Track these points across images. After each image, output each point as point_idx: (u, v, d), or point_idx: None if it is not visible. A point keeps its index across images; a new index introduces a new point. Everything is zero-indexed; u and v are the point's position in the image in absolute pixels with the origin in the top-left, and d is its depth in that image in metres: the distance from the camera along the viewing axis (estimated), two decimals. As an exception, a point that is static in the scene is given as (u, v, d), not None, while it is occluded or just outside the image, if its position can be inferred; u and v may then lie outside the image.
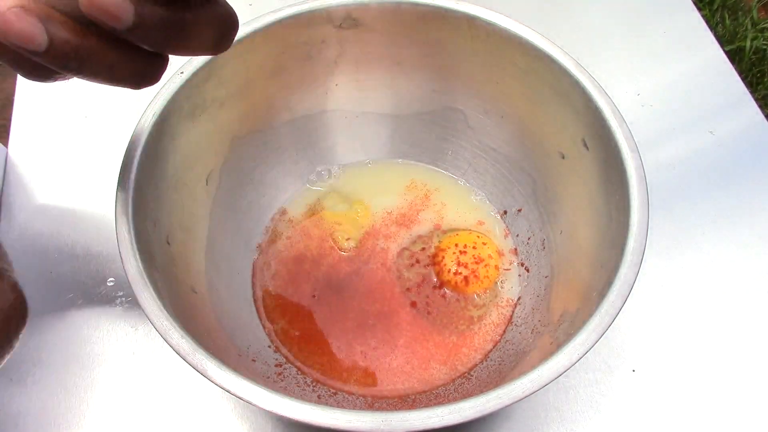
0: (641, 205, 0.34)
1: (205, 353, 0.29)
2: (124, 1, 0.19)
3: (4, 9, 0.19)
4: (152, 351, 0.43)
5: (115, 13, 0.19)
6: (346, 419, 0.28)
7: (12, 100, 0.54)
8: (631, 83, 0.56)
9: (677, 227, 0.49)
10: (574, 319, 0.34)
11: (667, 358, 0.43)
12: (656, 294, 0.46)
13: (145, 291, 0.31)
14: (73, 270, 0.46)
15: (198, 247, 0.41)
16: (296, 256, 0.46)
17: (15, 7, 0.19)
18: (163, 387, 0.41)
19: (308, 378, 0.41)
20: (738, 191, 0.50)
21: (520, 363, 0.38)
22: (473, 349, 0.42)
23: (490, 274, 0.44)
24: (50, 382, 0.41)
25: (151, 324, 0.30)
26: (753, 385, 0.42)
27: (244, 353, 0.39)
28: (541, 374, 0.29)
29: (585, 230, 0.40)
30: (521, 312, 0.43)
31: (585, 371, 0.42)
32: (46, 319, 0.44)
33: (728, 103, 0.55)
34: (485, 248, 0.45)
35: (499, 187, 0.47)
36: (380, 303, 0.44)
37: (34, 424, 0.40)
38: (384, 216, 0.48)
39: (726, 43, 1.24)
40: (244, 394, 0.28)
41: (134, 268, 0.32)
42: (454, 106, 0.46)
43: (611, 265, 0.33)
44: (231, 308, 0.42)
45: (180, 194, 0.39)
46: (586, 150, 0.39)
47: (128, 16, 0.19)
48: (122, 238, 0.32)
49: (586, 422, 0.41)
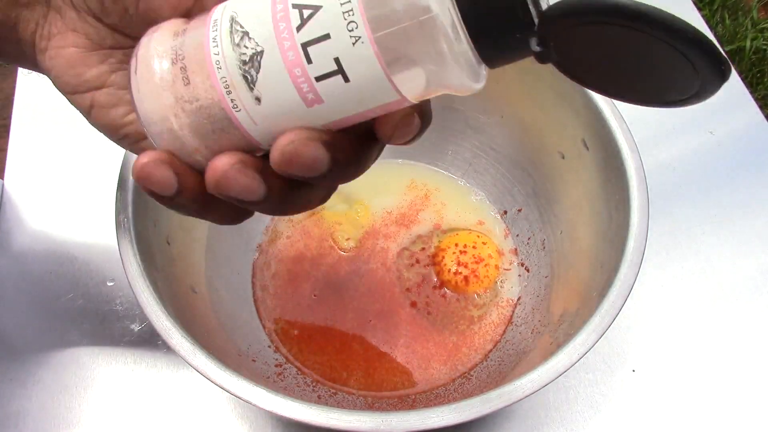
0: (641, 205, 0.34)
1: (205, 353, 0.29)
2: (253, 181, 0.21)
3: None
4: (152, 351, 0.43)
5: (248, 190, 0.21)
6: (345, 419, 0.28)
7: (12, 100, 0.54)
8: (631, 83, 0.56)
9: (677, 227, 0.49)
10: (574, 319, 0.34)
11: (667, 358, 0.43)
12: (656, 294, 0.46)
13: (145, 291, 0.31)
14: (73, 270, 0.46)
15: (198, 247, 0.41)
16: (296, 256, 0.46)
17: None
18: (163, 387, 0.41)
19: (308, 378, 0.41)
20: (738, 191, 0.50)
21: (520, 363, 0.38)
22: (473, 349, 0.42)
23: (490, 273, 0.44)
24: (50, 382, 0.41)
25: (151, 324, 0.30)
26: (753, 385, 0.42)
27: (244, 353, 0.39)
28: (541, 374, 0.29)
29: (585, 230, 0.40)
30: (521, 312, 0.43)
31: (585, 371, 0.42)
32: (46, 320, 0.44)
33: (728, 103, 0.55)
34: (485, 248, 0.45)
35: (499, 187, 0.47)
36: (380, 303, 0.44)
37: (34, 423, 0.40)
38: (384, 216, 0.48)
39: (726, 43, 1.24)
40: (244, 394, 0.29)
41: (134, 268, 0.32)
42: (454, 106, 0.46)
43: (611, 265, 0.33)
44: (231, 308, 0.42)
45: (180, 194, 0.39)
46: (586, 150, 0.39)
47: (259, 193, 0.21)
48: (122, 239, 0.32)
49: (586, 422, 0.41)
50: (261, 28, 0.19)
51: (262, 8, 0.19)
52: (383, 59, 0.18)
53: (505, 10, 0.17)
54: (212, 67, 0.20)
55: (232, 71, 0.20)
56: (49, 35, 0.25)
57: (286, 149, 0.20)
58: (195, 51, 0.20)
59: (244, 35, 0.19)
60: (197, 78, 0.20)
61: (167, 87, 0.20)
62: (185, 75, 0.20)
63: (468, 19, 0.18)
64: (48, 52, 0.25)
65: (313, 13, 0.18)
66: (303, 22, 0.18)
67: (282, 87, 0.19)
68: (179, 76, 0.20)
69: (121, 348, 0.43)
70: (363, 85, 0.19)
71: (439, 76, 0.19)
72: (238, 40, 0.19)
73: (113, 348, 0.43)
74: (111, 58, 0.25)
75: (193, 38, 0.20)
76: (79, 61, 0.25)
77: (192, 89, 0.20)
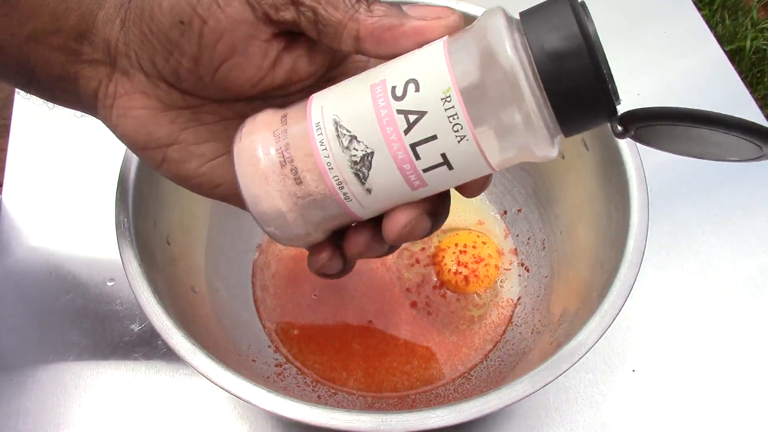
0: (641, 205, 0.34)
1: (205, 353, 0.29)
2: (330, 260, 0.26)
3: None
4: (152, 351, 0.43)
5: (328, 270, 0.27)
6: (345, 419, 0.28)
7: (12, 100, 0.54)
8: (631, 83, 0.56)
9: (677, 227, 0.49)
10: (574, 319, 0.34)
11: (667, 358, 0.43)
12: (656, 294, 0.46)
13: (145, 291, 0.31)
14: (73, 271, 0.46)
15: (198, 247, 0.41)
16: (296, 256, 0.46)
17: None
18: (163, 387, 0.41)
19: (308, 378, 0.41)
20: (738, 191, 0.50)
21: (520, 363, 0.38)
22: (473, 349, 0.42)
23: (490, 273, 0.44)
24: (50, 382, 0.41)
25: (152, 324, 0.30)
26: (753, 385, 0.42)
27: (244, 353, 0.39)
28: (541, 374, 0.29)
29: (585, 230, 0.40)
30: (521, 312, 0.43)
31: (585, 371, 0.42)
32: (46, 320, 0.44)
33: (728, 103, 0.55)
34: (485, 248, 0.45)
35: (499, 187, 0.47)
36: (380, 303, 0.44)
37: (34, 423, 0.40)
38: (384, 216, 0.48)
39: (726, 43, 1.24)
40: (244, 394, 0.29)
41: (134, 268, 0.32)
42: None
43: (611, 265, 0.33)
44: (231, 308, 0.42)
45: (180, 194, 0.39)
46: (586, 150, 0.39)
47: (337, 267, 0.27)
48: (122, 239, 0.32)
49: (586, 422, 0.41)
50: (368, 131, 0.21)
51: (365, 113, 0.21)
52: (484, 149, 0.21)
53: (594, 103, 0.20)
54: (324, 168, 0.22)
55: (343, 170, 0.22)
56: (115, 94, 0.25)
57: (403, 231, 0.24)
58: (304, 155, 0.22)
59: (353, 139, 0.21)
60: (309, 177, 0.22)
61: (276, 183, 0.23)
62: (297, 176, 0.22)
63: (559, 111, 0.20)
64: (115, 110, 0.25)
65: (419, 118, 0.21)
66: (410, 126, 0.21)
67: (392, 180, 0.22)
68: (290, 177, 0.22)
69: (121, 348, 0.43)
70: (464, 169, 0.22)
71: (527, 153, 0.21)
72: (347, 144, 0.21)
73: (113, 348, 0.43)
74: (180, 117, 0.25)
75: (298, 139, 0.22)
76: (149, 121, 0.25)
77: (304, 187, 0.23)
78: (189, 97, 0.25)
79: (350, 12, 0.22)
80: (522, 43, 0.20)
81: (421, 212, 0.24)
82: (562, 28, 0.20)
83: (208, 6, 0.22)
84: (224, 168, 0.26)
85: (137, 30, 0.23)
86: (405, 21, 0.22)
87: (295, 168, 0.22)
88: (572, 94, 0.20)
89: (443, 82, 0.20)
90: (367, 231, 0.25)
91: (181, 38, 0.23)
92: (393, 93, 0.21)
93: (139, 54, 0.24)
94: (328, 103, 0.22)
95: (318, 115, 0.22)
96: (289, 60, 0.24)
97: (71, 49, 0.24)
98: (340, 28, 0.22)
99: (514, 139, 0.21)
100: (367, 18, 0.22)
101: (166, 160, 0.26)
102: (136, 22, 0.23)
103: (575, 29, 0.19)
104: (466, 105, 0.20)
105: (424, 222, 0.24)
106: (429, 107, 0.21)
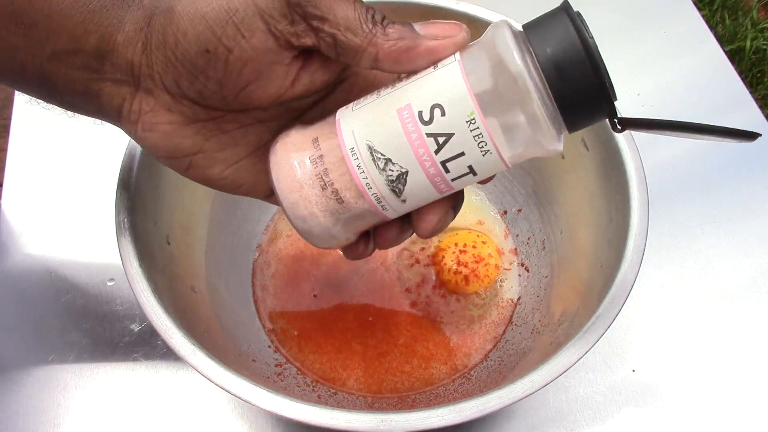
0: (641, 205, 0.34)
1: (205, 353, 0.30)
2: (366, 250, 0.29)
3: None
4: (152, 351, 0.43)
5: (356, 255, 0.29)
6: (345, 419, 0.28)
7: (12, 100, 0.54)
8: (631, 83, 0.56)
9: (677, 227, 0.49)
10: (574, 319, 0.34)
11: (667, 358, 0.43)
12: (656, 294, 0.46)
13: (145, 291, 0.31)
14: (73, 270, 0.46)
15: (198, 247, 0.41)
16: (296, 255, 0.46)
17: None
18: (163, 387, 0.41)
19: (308, 378, 0.41)
20: (738, 191, 0.50)
21: (520, 363, 0.38)
22: (473, 349, 0.42)
23: (490, 273, 0.44)
24: (50, 382, 0.41)
25: (151, 324, 0.30)
26: (753, 385, 0.42)
27: (244, 353, 0.39)
28: (541, 374, 0.29)
29: (585, 230, 0.40)
30: (521, 312, 0.43)
31: (585, 371, 0.42)
32: (46, 320, 0.44)
33: (728, 103, 0.55)
34: (485, 247, 0.45)
35: (499, 187, 0.47)
36: (380, 302, 0.44)
37: (34, 423, 0.40)
38: (384, 216, 0.48)
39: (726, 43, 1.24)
40: (244, 394, 0.29)
41: (134, 268, 0.32)
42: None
43: (611, 265, 0.33)
44: (231, 308, 0.42)
45: (180, 194, 0.39)
46: (586, 150, 0.39)
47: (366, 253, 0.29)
48: (122, 238, 0.32)
49: (586, 422, 0.41)
50: (402, 154, 0.24)
51: (397, 138, 0.24)
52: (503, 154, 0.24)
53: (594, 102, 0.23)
54: (364, 188, 0.25)
55: (381, 188, 0.25)
56: (140, 111, 0.26)
57: (436, 228, 0.27)
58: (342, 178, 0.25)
59: (388, 161, 0.24)
60: (349, 195, 0.25)
61: (320, 205, 0.25)
62: (338, 197, 0.25)
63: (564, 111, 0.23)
64: (140, 125, 0.26)
65: (447, 139, 0.23)
66: (440, 147, 0.23)
67: (425, 190, 0.25)
68: (332, 198, 0.25)
69: (121, 348, 0.43)
70: (485, 172, 0.25)
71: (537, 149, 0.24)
72: (383, 166, 0.24)
73: (113, 348, 0.43)
74: (204, 128, 0.26)
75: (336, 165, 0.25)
76: (174, 134, 0.26)
77: (345, 205, 0.25)
78: (212, 111, 0.26)
79: (369, 37, 0.23)
80: (528, 53, 0.22)
81: (447, 209, 0.27)
82: (564, 37, 0.22)
83: (233, 36, 0.23)
84: (245, 170, 0.28)
85: (161, 55, 0.24)
86: (419, 42, 0.24)
87: (336, 190, 0.25)
88: (575, 95, 0.22)
89: (467, 106, 0.23)
90: (396, 227, 0.28)
91: (207, 65, 0.24)
92: (420, 118, 0.23)
93: (163, 76, 0.24)
94: (358, 128, 0.24)
95: (351, 140, 0.24)
96: (307, 76, 0.25)
97: (93, 68, 0.25)
98: (360, 52, 0.23)
99: (527, 139, 0.23)
100: (384, 42, 0.23)
101: (192, 166, 0.27)
102: (159, 47, 0.24)
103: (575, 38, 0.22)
104: (487, 121, 0.23)
105: (450, 216, 0.27)
106: (456, 129, 0.23)
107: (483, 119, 0.23)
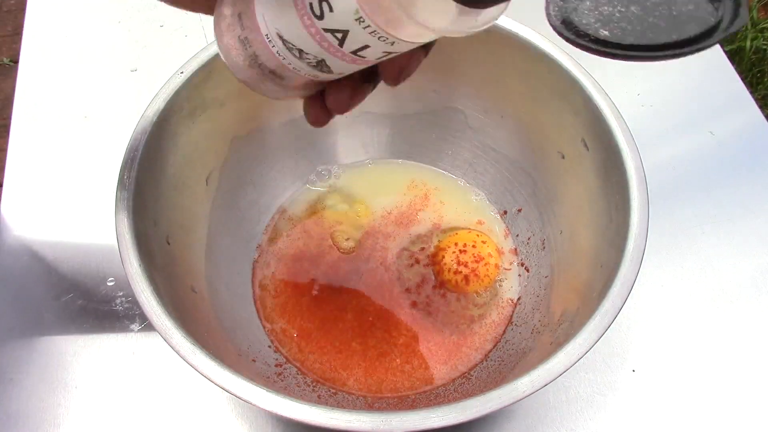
0: (641, 205, 0.34)
1: (205, 353, 0.30)
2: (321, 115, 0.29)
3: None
4: (152, 351, 0.43)
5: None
6: (345, 419, 0.28)
7: (12, 100, 0.54)
8: (631, 83, 0.56)
9: (677, 227, 0.49)
10: (574, 319, 0.34)
11: (667, 358, 0.43)
12: (656, 294, 0.46)
13: (145, 291, 0.31)
14: (73, 270, 0.46)
15: (198, 247, 0.41)
16: (296, 255, 0.46)
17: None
18: (163, 387, 0.41)
19: (308, 378, 0.41)
20: (738, 191, 0.50)
21: (520, 363, 0.38)
22: (473, 348, 0.42)
23: (490, 272, 0.44)
24: (50, 382, 0.41)
25: (151, 324, 0.30)
26: (753, 385, 0.42)
27: (244, 353, 0.39)
28: (541, 374, 0.29)
29: (585, 230, 0.40)
30: (521, 312, 0.43)
31: (585, 371, 0.42)
32: (46, 319, 0.44)
33: (728, 103, 0.55)
34: (485, 247, 0.45)
35: (499, 187, 0.47)
36: (380, 303, 0.44)
37: (34, 423, 0.40)
38: (384, 216, 0.48)
39: (726, 43, 1.24)
40: (244, 394, 0.29)
41: (134, 268, 0.32)
42: (454, 106, 0.46)
43: (611, 265, 0.33)
44: (231, 308, 0.42)
45: (180, 194, 0.39)
46: (586, 150, 0.39)
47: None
48: (122, 238, 0.32)
49: (586, 422, 0.41)
50: (310, 47, 0.23)
51: (299, 30, 0.22)
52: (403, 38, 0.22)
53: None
54: (293, 69, 0.24)
55: (307, 70, 0.24)
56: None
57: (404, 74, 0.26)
58: (273, 61, 0.24)
59: (301, 51, 0.23)
60: (287, 74, 0.25)
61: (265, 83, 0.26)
62: (277, 75, 0.25)
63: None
64: None
65: (345, 35, 0.22)
66: (341, 42, 0.22)
67: (355, 67, 0.24)
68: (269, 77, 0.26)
69: (121, 347, 0.43)
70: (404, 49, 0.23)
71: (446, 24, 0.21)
72: (299, 55, 0.23)
73: (113, 348, 0.43)
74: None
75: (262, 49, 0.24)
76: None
77: (287, 82, 0.26)
78: None
79: None
80: None
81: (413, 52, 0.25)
82: None
83: None
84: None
85: None
86: None
87: (272, 70, 0.25)
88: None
89: (349, 3, 0.20)
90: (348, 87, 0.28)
91: None
92: (312, 10, 0.21)
93: None
94: (268, 14, 0.23)
95: (264, 27, 0.23)
96: None
97: None
98: None
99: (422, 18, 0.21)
100: None
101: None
102: None
103: None
104: (376, 16, 0.20)
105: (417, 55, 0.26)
106: (348, 26, 0.21)
107: (370, 15, 0.20)
